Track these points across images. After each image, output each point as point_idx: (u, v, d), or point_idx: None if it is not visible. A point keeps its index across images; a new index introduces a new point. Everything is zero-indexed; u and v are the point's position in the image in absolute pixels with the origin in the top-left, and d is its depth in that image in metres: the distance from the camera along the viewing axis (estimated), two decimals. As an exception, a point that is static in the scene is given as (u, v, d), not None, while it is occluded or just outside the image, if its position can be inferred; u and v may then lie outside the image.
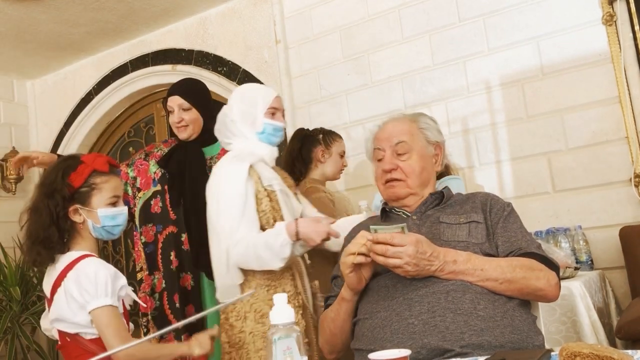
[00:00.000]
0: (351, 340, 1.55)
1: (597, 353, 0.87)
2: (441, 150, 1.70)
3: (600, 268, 2.86)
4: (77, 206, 1.71)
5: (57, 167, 1.77)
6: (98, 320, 1.62)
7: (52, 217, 1.68)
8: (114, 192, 1.76)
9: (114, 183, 1.78)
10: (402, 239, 1.36)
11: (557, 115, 3.02)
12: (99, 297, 1.61)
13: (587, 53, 2.95)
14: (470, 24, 3.26)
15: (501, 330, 1.33)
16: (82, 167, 1.73)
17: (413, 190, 1.62)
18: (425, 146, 1.67)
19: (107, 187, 1.74)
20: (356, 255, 1.40)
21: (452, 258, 1.40)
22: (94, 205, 1.72)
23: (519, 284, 1.40)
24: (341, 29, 3.67)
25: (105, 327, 1.61)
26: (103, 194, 1.73)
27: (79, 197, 1.71)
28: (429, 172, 1.66)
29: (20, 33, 4.10)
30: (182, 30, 4.29)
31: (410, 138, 1.65)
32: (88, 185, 1.72)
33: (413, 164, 1.63)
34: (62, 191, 1.69)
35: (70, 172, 1.72)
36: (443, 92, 3.32)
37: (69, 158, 1.82)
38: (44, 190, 1.73)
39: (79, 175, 1.72)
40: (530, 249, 1.47)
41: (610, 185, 2.88)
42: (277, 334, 0.99)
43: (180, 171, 2.44)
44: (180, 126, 2.43)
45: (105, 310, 1.61)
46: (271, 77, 3.88)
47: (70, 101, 4.80)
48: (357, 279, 1.45)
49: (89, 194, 1.72)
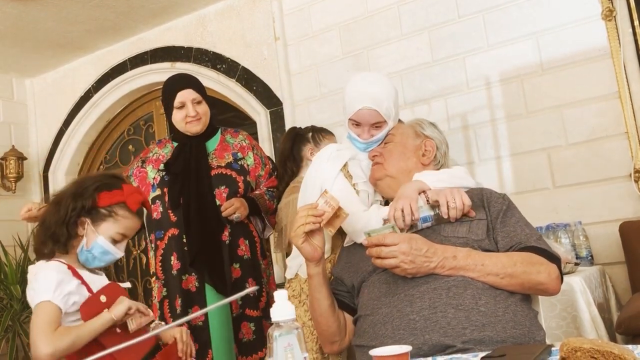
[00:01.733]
0: (339, 323, 1.58)
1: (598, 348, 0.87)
2: (433, 146, 1.71)
3: (601, 263, 2.86)
4: (87, 220, 1.69)
5: (98, 178, 1.76)
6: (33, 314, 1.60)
7: (66, 217, 1.67)
8: (125, 231, 1.72)
9: (132, 224, 1.74)
10: (394, 238, 1.37)
11: (556, 111, 3.02)
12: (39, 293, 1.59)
13: (586, 48, 2.95)
14: (470, 20, 3.25)
15: (503, 326, 1.33)
16: (116, 193, 1.71)
17: (389, 173, 1.68)
18: (411, 137, 1.73)
19: (124, 222, 1.71)
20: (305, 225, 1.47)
21: (451, 254, 1.41)
22: (101, 230, 1.69)
23: (520, 279, 1.40)
24: (340, 25, 3.66)
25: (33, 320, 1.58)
26: (115, 226, 1.70)
27: (95, 214, 1.69)
28: (411, 161, 1.70)
29: (19, 31, 4.10)
30: (181, 28, 4.29)
31: (397, 131, 1.76)
32: (109, 211, 1.70)
33: (392, 149, 1.71)
34: (86, 201, 1.68)
35: (104, 190, 1.70)
36: (442, 88, 3.32)
37: (114, 177, 1.79)
38: (74, 189, 1.72)
39: (110, 198, 1.70)
40: (530, 242, 1.47)
41: (610, 180, 2.88)
42: (278, 330, 0.99)
43: (184, 170, 2.42)
44: (195, 119, 2.41)
45: (41, 304, 1.58)
46: (270, 74, 3.88)
47: (70, 99, 4.80)
48: (311, 248, 1.51)
49: (104, 219, 1.70)
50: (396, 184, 1.66)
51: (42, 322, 1.55)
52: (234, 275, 2.40)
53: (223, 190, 2.42)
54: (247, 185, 2.49)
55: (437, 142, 1.73)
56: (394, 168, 1.68)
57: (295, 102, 3.80)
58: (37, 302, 1.59)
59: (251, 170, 2.54)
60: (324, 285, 1.56)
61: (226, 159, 2.49)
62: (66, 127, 4.79)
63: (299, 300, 1.90)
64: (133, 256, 4.63)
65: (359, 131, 1.79)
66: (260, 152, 2.64)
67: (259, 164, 2.58)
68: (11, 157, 4.62)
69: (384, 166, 1.69)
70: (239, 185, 2.45)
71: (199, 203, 2.36)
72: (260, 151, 2.65)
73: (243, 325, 2.38)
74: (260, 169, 2.58)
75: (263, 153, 2.67)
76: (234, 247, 2.41)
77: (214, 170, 2.44)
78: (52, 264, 1.66)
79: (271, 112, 3.88)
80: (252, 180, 2.54)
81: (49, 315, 1.56)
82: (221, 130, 2.59)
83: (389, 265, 1.38)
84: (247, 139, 2.61)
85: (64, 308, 1.59)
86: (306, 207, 1.51)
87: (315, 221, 1.47)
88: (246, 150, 2.56)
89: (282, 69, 3.82)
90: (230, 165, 2.47)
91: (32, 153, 4.89)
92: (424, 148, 1.71)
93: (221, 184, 2.42)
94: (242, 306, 2.38)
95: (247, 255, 2.43)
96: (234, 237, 2.41)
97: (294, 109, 3.78)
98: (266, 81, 3.90)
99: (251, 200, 2.46)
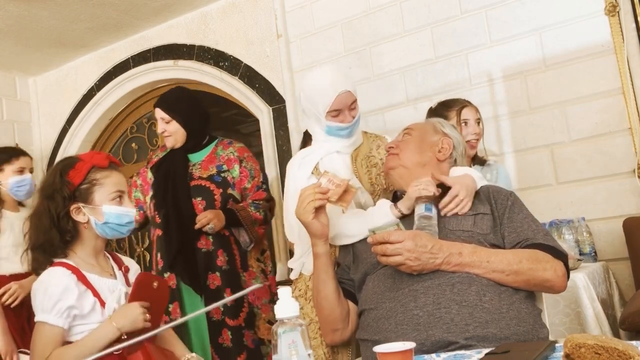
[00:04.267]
0: (342, 309, 1.59)
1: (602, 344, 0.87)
2: (450, 145, 1.72)
3: (604, 260, 2.86)
4: (79, 204, 1.63)
5: (55, 168, 1.70)
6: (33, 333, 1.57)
7: (52, 219, 1.61)
8: (117, 187, 1.67)
9: (116, 178, 1.69)
10: (398, 235, 1.38)
11: (559, 107, 3.01)
12: (38, 311, 1.56)
13: (589, 44, 2.94)
14: (472, 16, 3.25)
15: (506, 323, 1.33)
16: (80, 165, 1.66)
17: (403, 163, 1.68)
18: (429, 133, 1.73)
19: (108, 182, 1.66)
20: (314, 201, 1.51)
21: (457, 250, 1.41)
22: (97, 201, 1.63)
23: (526, 276, 1.40)
24: (342, 22, 3.66)
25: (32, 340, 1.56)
26: (105, 188, 1.65)
27: (80, 195, 1.63)
28: (426, 155, 1.69)
29: (21, 30, 4.10)
30: (184, 25, 4.29)
31: (416, 126, 1.78)
32: (89, 182, 1.64)
33: (409, 141, 1.72)
34: (62, 191, 1.62)
35: (68, 170, 1.65)
36: (445, 85, 3.31)
37: (66, 159, 1.75)
38: (43, 193, 1.66)
39: (78, 172, 1.64)
40: (537, 239, 1.47)
41: (613, 176, 2.88)
42: (282, 327, 0.99)
43: (165, 178, 2.59)
44: (165, 136, 2.63)
45: (38, 325, 1.55)
46: (273, 72, 3.88)
47: (73, 97, 4.80)
48: (320, 225, 1.55)
49: (90, 191, 1.64)
50: (408, 174, 1.66)
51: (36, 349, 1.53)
52: (215, 282, 2.51)
53: (200, 201, 2.54)
54: (225, 197, 2.57)
55: (455, 141, 1.74)
56: (409, 160, 1.68)
57: (298, 99, 3.80)
58: (36, 319, 1.56)
59: (236, 183, 2.63)
60: (330, 266, 1.60)
61: (209, 171, 2.61)
62: (69, 125, 4.80)
63: (304, 298, 1.91)
64: (137, 253, 4.65)
65: (341, 118, 1.84)
66: (250, 164, 2.69)
67: (246, 177, 2.65)
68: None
69: (399, 156, 1.70)
70: (215, 197, 2.55)
71: (176, 210, 2.52)
72: (251, 163, 2.70)
73: (223, 331, 2.48)
74: (246, 182, 2.65)
75: (255, 165, 2.71)
76: (213, 257, 2.51)
77: (194, 181, 2.58)
78: (56, 272, 1.59)
79: (274, 109, 3.88)
80: (237, 192, 2.63)
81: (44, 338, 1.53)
82: (217, 141, 2.74)
83: (394, 262, 1.38)
84: (238, 151, 2.69)
85: (65, 324, 1.54)
86: (310, 186, 1.56)
87: (322, 197, 1.52)
88: (232, 162, 2.65)
89: (284, 66, 3.82)
90: (212, 177, 2.59)
91: (35, 151, 4.89)
92: (441, 145, 1.71)
93: (198, 195, 2.54)
94: (224, 313, 2.48)
95: (225, 266, 2.52)
96: (215, 247, 2.52)
97: (296, 106, 3.78)
98: (269, 78, 3.90)
99: (230, 212, 2.53)
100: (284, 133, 3.81)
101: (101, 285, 1.63)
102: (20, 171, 2.89)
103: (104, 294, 1.62)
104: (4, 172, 2.87)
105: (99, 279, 1.64)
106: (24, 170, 2.91)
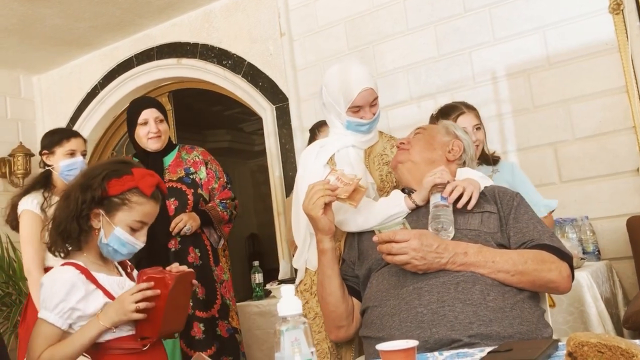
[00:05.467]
0: (347, 306, 1.59)
1: (605, 343, 0.87)
2: (460, 148, 1.73)
3: (608, 258, 2.85)
4: (100, 211, 1.59)
5: (105, 166, 1.66)
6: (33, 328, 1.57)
7: (76, 210, 1.58)
8: (143, 218, 1.62)
9: (148, 209, 1.62)
10: (404, 235, 1.38)
11: (563, 106, 3.00)
12: (41, 307, 1.55)
13: (593, 42, 2.93)
14: (476, 14, 3.24)
15: (510, 322, 1.33)
16: (126, 179, 1.60)
17: (412, 158, 1.69)
18: (441, 133, 1.76)
19: (139, 209, 1.60)
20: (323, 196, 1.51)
21: (462, 250, 1.41)
22: (117, 220, 1.59)
23: (531, 276, 1.40)
24: (346, 20, 3.66)
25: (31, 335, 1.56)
26: (131, 213, 1.59)
27: (107, 204, 1.59)
28: (436, 153, 1.71)
29: (25, 28, 4.11)
30: (187, 24, 4.29)
31: (428, 127, 1.82)
32: (121, 199, 1.59)
33: (420, 138, 1.74)
34: (95, 191, 1.58)
35: (112, 177, 1.60)
36: (449, 83, 3.31)
37: (122, 162, 1.70)
38: (81, 181, 1.63)
39: (119, 185, 1.59)
40: (543, 240, 1.47)
41: (617, 175, 2.87)
42: (285, 325, 0.99)
43: None
44: (155, 136, 2.62)
45: (39, 322, 1.55)
46: (276, 70, 3.88)
47: (77, 96, 4.81)
48: (327, 221, 1.56)
49: (117, 207, 1.59)
50: (417, 170, 1.67)
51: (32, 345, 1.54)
52: None
53: (172, 202, 2.60)
54: (197, 198, 2.66)
55: (466, 144, 1.76)
56: (419, 155, 1.70)
57: (301, 97, 3.80)
58: (39, 315, 1.56)
59: (204, 184, 2.72)
60: (336, 262, 1.61)
61: (178, 173, 2.68)
62: (73, 123, 4.81)
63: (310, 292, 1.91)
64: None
65: (361, 114, 1.84)
66: (214, 166, 2.81)
67: (212, 178, 2.76)
68: (19, 154, 4.65)
69: (410, 152, 1.71)
70: (188, 197, 2.63)
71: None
72: (215, 165, 2.81)
73: (194, 324, 2.54)
74: (213, 182, 2.76)
75: (218, 167, 2.83)
76: (183, 255, 2.57)
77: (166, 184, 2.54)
78: (64, 270, 1.58)
79: (277, 107, 3.88)
80: (205, 192, 2.72)
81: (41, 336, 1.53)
82: (179, 147, 2.80)
83: (399, 261, 1.39)
84: (202, 154, 2.79)
85: (64, 325, 1.54)
86: (319, 182, 1.56)
87: (331, 194, 1.53)
88: (198, 165, 2.74)
89: (287, 64, 3.82)
90: (182, 179, 2.67)
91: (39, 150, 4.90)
92: (452, 146, 1.73)
93: (171, 197, 2.59)
94: (193, 307, 2.53)
95: (196, 262, 2.60)
96: (183, 246, 2.58)
97: (299, 104, 3.78)
98: (272, 77, 3.90)
99: (203, 213, 2.64)
100: (287, 131, 3.82)
101: (111, 283, 1.63)
102: (71, 154, 2.69)
103: (114, 292, 1.61)
104: (55, 155, 2.69)
105: (107, 277, 1.63)
106: (75, 152, 2.70)
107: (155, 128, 2.62)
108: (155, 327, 1.56)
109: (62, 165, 2.67)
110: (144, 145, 2.65)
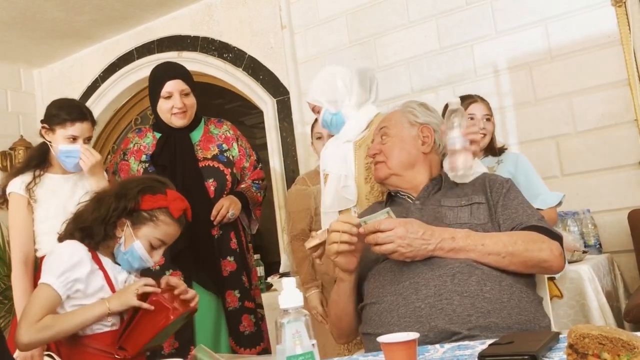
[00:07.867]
0: (358, 324, 1.56)
1: (606, 335, 0.87)
2: (430, 132, 1.67)
3: (609, 251, 2.86)
4: (127, 222, 1.66)
5: (142, 180, 1.75)
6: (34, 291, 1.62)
7: (107, 216, 1.65)
8: (164, 238, 1.70)
9: (172, 231, 1.71)
10: (389, 223, 1.37)
11: (565, 99, 3.00)
12: (46, 272, 1.59)
13: (596, 35, 2.92)
14: (478, 7, 3.23)
15: (508, 312, 1.33)
16: (159, 197, 1.69)
17: (394, 171, 1.64)
18: (406, 128, 1.68)
19: (163, 228, 1.68)
20: (339, 244, 1.42)
21: (449, 235, 1.40)
22: (140, 234, 1.66)
23: (522, 257, 1.39)
24: (347, 13, 3.64)
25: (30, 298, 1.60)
26: (155, 231, 1.68)
27: (136, 217, 1.67)
28: (412, 154, 1.65)
29: (26, 21, 4.10)
30: (188, 17, 4.28)
31: (390, 123, 1.71)
32: (150, 215, 1.67)
33: (391, 144, 1.67)
34: (129, 202, 1.66)
35: (147, 192, 1.68)
36: (450, 76, 3.30)
37: (159, 181, 1.76)
38: (117, 190, 1.70)
39: (152, 202, 1.67)
40: (531, 222, 1.46)
41: (619, 168, 2.87)
42: (286, 317, 0.99)
43: (171, 163, 2.33)
44: (180, 112, 2.32)
45: (41, 286, 1.58)
46: (277, 63, 3.87)
47: (77, 89, 4.81)
48: (345, 260, 1.46)
49: (144, 222, 1.67)
50: (403, 180, 1.65)
51: (32, 307, 1.56)
52: (229, 268, 2.35)
53: (211, 183, 2.34)
54: (234, 178, 2.42)
55: (433, 125, 1.69)
56: (397, 166, 1.65)
57: (302, 90, 3.79)
58: (41, 280, 1.59)
59: (236, 162, 2.45)
60: (354, 290, 1.54)
61: (211, 150, 2.40)
62: (74, 117, 4.80)
63: None
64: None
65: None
66: (244, 143, 2.54)
67: (244, 156, 2.49)
68: (20, 147, 4.65)
69: (387, 164, 1.66)
70: (226, 177, 2.37)
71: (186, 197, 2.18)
72: (244, 142, 2.54)
73: (244, 317, 2.33)
74: (245, 161, 2.49)
75: (247, 144, 2.56)
76: (225, 241, 2.35)
77: (200, 163, 2.36)
78: (73, 243, 1.64)
79: (278, 101, 3.88)
80: (237, 172, 2.46)
81: (43, 300, 1.56)
82: (204, 120, 2.50)
83: (386, 250, 1.37)
84: (232, 129, 2.52)
85: (64, 295, 1.58)
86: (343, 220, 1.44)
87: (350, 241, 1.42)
88: (231, 141, 2.47)
89: (288, 57, 3.81)
90: (217, 157, 2.39)
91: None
92: (422, 136, 1.67)
93: (209, 177, 2.34)
94: (241, 299, 2.33)
95: (237, 248, 2.38)
96: (225, 231, 2.35)
97: (300, 97, 3.78)
98: (273, 70, 3.89)
99: (240, 195, 2.39)
100: (288, 125, 3.81)
101: (112, 269, 1.69)
102: (72, 139, 2.32)
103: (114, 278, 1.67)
104: (55, 135, 2.32)
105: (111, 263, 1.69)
106: (76, 139, 2.32)
107: (180, 103, 2.30)
108: (138, 345, 1.61)
109: (60, 148, 2.32)
110: (167, 120, 2.34)
